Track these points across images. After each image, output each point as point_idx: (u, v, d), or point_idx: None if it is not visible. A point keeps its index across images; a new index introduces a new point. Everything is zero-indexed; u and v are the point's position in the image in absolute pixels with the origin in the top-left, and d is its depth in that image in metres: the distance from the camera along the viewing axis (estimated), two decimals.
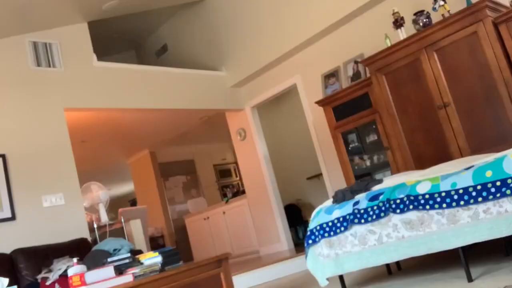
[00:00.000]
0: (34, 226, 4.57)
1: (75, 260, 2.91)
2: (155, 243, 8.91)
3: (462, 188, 2.38)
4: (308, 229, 3.07)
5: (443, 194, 2.44)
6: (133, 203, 12.67)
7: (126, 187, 12.98)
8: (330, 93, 5.57)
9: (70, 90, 5.31)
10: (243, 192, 7.84)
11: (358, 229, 2.80)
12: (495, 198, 2.28)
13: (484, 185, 2.31)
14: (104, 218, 5.43)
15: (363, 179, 3.23)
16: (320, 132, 6.03)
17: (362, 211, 2.76)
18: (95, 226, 5.31)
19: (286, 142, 8.03)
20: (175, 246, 8.70)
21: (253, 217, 7.19)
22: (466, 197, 2.36)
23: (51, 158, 4.90)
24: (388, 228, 2.67)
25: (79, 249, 4.20)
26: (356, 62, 5.45)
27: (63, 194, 4.86)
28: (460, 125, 4.16)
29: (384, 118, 4.70)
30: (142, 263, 2.76)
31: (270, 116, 8.05)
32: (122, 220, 5.79)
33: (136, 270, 2.63)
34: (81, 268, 2.85)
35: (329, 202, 3.11)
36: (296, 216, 7.41)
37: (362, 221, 2.75)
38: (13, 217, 4.47)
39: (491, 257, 2.82)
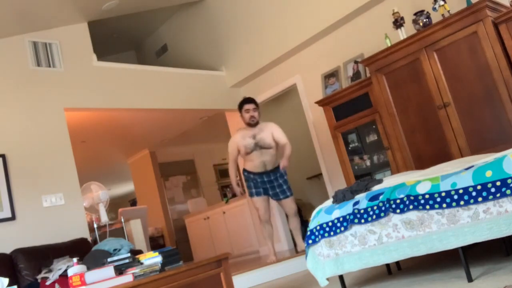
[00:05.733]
0: (34, 226, 4.57)
1: (75, 260, 2.91)
2: (155, 243, 8.92)
3: (462, 188, 2.38)
4: (308, 229, 3.07)
5: (443, 194, 2.44)
6: (133, 203, 12.67)
7: (126, 187, 12.98)
8: (330, 93, 5.57)
9: (70, 90, 5.31)
10: (243, 192, 7.83)
11: (358, 229, 2.80)
12: (495, 198, 2.28)
13: (484, 185, 2.31)
14: (104, 218, 5.43)
15: (363, 179, 3.23)
16: (320, 132, 6.03)
17: (362, 211, 2.76)
18: (95, 226, 5.31)
19: None
20: (175, 246, 8.70)
21: (253, 217, 7.18)
22: (466, 197, 2.36)
23: (51, 158, 4.90)
24: (388, 228, 2.67)
25: (79, 249, 4.20)
26: (356, 62, 5.45)
27: (63, 194, 4.86)
28: (460, 125, 4.16)
29: (384, 118, 4.70)
30: (142, 263, 2.76)
31: (270, 116, 8.03)
32: (122, 220, 5.79)
33: (136, 270, 2.63)
34: (81, 268, 2.85)
35: (329, 202, 3.11)
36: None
37: (362, 221, 2.75)
38: (13, 217, 4.47)
39: (491, 257, 2.82)
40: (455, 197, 2.39)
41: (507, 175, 2.25)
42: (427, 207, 2.49)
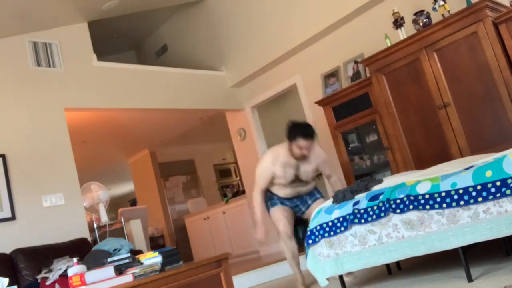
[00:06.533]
0: (34, 226, 4.57)
1: (75, 260, 2.91)
2: (155, 243, 8.92)
3: (462, 188, 2.37)
4: (308, 229, 3.07)
5: (443, 194, 2.43)
6: (133, 203, 12.67)
7: (126, 187, 12.98)
8: (330, 93, 5.57)
9: (70, 90, 5.31)
10: (243, 192, 7.84)
11: (358, 229, 2.80)
12: (495, 198, 2.27)
13: (484, 185, 2.31)
14: (104, 218, 5.43)
15: (363, 179, 3.23)
16: (320, 132, 6.01)
17: (362, 211, 2.76)
18: (95, 226, 5.31)
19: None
20: (175, 246, 8.70)
21: (253, 217, 7.17)
22: (466, 197, 2.36)
23: (51, 158, 4.90)
24: (388, 228, 2.67)
25: (79, 249, 4.20)
26: (356, 62, 5.45)
27: (63, 194, 4.86)
28: (460, 125, 4.16)
29: (384, 118, 4.70)
30: (142, 263, 2.76)
31: (270, 116, 8.04)
32: (122, 220, 5.79)
33: (136, 270, 2.63)
34: (81, 268, 2.85)
35: (329, 202, 3.11)
36: (296, 216, 7.40)
37: (362, 221, 2.75)
38: (13, 217, 4.47)
39: (491, 257, 2.82)
40: (455, 197, 2.39)
41: (507, 175, 2.25)
42: (427, 207, 2.48)
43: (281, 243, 3.83)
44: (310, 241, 3.04)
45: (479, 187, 2.32)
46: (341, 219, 2.86)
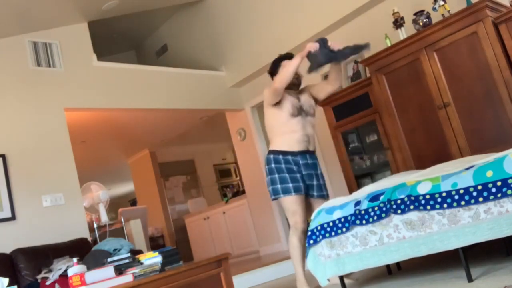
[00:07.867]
0: (34, 226, 4.57)
1: (75, 260, 2.91)
2: (155, 243, 8.92)
3: (463, 188, 2.37)
4: (309, 229, 3.07)
5: (444, 194, 2.43)
6: (133, 203, 12.67)
7: (126, 187, 12.98)
8: None
9: (70, 90, 5.31)
10: (243, 192, 7.84)
11: (359, 229, 2.79)
12: (496, 198, 2.27)
13: (484, 185, 2.30)
14: (104, 218, 5.43)
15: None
16: (320, 132, 6.02)
17: (363, 211, 2.76)
18: (95, 226, 5.31)
19: None
20: (175, 246, 8.70)
21: (253, 217, 7.18)
22: (467, 197, 2.36)
23: (51, 158, 4.90)
24: (389, 228, 2.66)
25: (79, 249, 4.20)
26: (356, 62, 5.45)
27: (63, 194, 4.86)
28: (460, 125, 4.15)
29: (384, 118, 4.70)
30: (142, 263, 2.76)
31: None
32: (122, 220, 5.79)
33: (136, 270, 2.63)
34: (81, 268, 2.85)
35: (330, 202, 3.10)
36: None
37: (364, 222, 2.75)
38: (13, 217, 4.47)
39: (491, 257, 2.82)
40: (456, 197, 2.39)
41: (507, 175, 2.25)
42: (428, 207, 2.48)
43: (294, 239, 3.43)
44: (311, 241, 3.03)
45: (479, 187, 2.32)
46: (342, 219, 2.86)
